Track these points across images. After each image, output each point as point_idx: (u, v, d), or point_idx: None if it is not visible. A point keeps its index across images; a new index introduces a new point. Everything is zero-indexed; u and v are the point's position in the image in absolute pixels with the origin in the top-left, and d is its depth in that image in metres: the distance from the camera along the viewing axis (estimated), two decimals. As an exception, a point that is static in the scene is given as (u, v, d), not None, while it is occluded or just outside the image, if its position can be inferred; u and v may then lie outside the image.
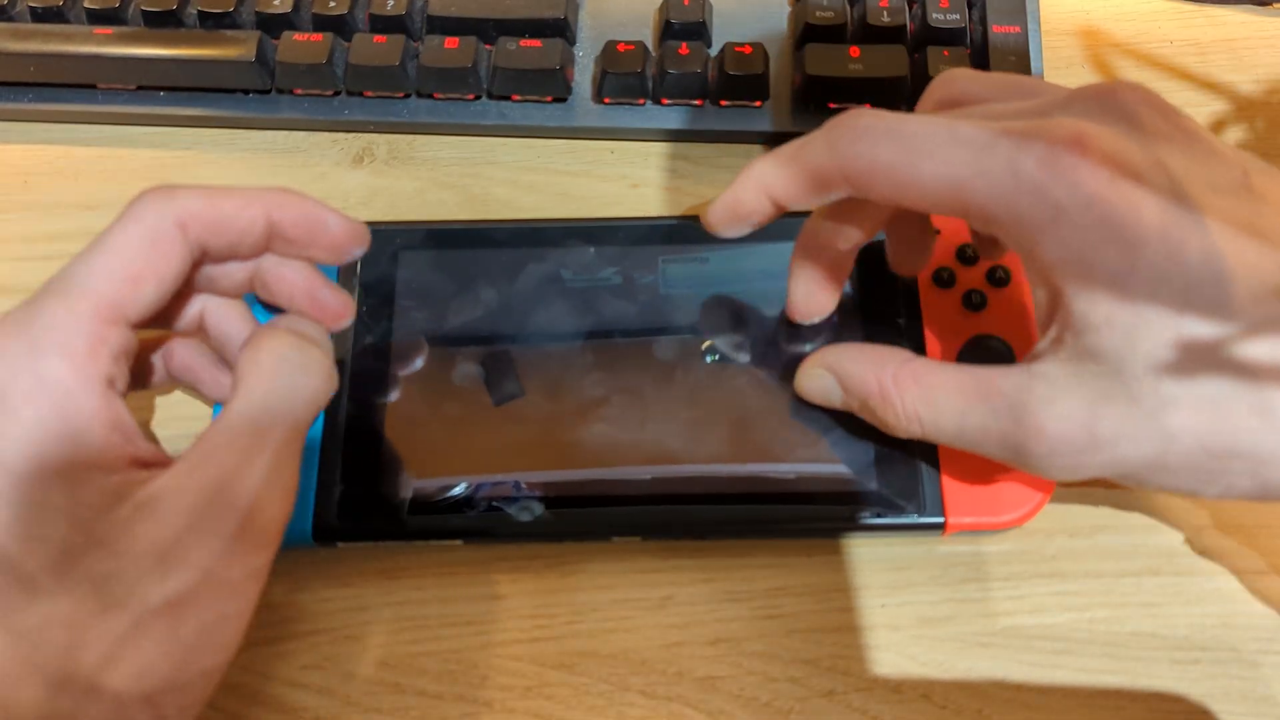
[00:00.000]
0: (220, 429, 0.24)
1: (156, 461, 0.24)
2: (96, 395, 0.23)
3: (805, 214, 0.34)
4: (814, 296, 0.30)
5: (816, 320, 0.31)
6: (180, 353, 0.29)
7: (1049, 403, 0.24)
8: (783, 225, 0.33)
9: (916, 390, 0.26)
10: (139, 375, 0.29)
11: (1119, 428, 0.23)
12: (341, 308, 0.28)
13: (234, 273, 0.27)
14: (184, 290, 0.27)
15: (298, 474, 0.25)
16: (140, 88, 0.37)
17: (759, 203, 0.27)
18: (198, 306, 0.28)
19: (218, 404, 0.30)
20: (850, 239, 0.28)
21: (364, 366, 0.31)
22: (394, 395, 0.31)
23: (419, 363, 0.31)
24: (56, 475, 0.23)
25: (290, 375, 0.25)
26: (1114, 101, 0.24)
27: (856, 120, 0.25)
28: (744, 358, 0.31)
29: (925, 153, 0.24)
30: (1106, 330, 0.23)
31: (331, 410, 0.31)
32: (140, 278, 0.24)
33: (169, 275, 0.25)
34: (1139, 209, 0.22)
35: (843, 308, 0.32)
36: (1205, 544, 0.31)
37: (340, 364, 0.31)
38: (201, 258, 0.26)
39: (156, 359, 0.29)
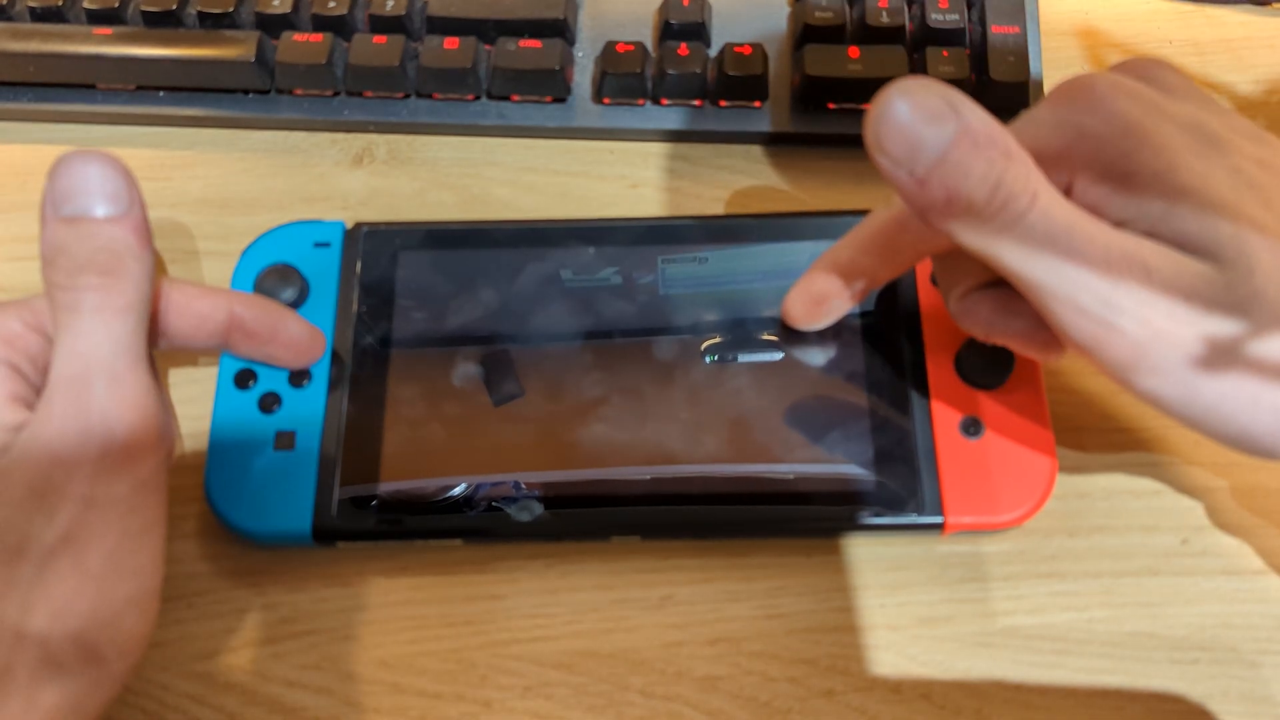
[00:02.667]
0: (57, 361, 0.24)
1: None
2: (0, 370, 0.25)
3: (809, 214, 0.34)
4: (822, 308, 0.30)
5: (805, 328, 0.31)
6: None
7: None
8: (782, 225, 0.33)
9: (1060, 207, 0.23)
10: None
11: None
12: (312, 340, 0.30)
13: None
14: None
15: (146, 370, 0.25)
16: (140, 88, 0.37)
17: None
18: None
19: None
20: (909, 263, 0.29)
21: (364, 366, 0.31)
22: (394, 395, 0.31)
23: (419, 363, 0.31)
24: None
25: (100, 296, 0.25)
26: (1132, 66, 0.25)
27: None
28: (743, 358, 0.31)
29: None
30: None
31: (331, 410, 0.31)
32: None
33: None
34: (1168, 132, 0.23)
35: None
36: (1205, 544, 0.31)
37: (341, 364, 0.31)
38: (155, 338, 0.28)
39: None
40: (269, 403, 0.30)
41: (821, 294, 0.30)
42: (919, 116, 0.21)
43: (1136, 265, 0.22)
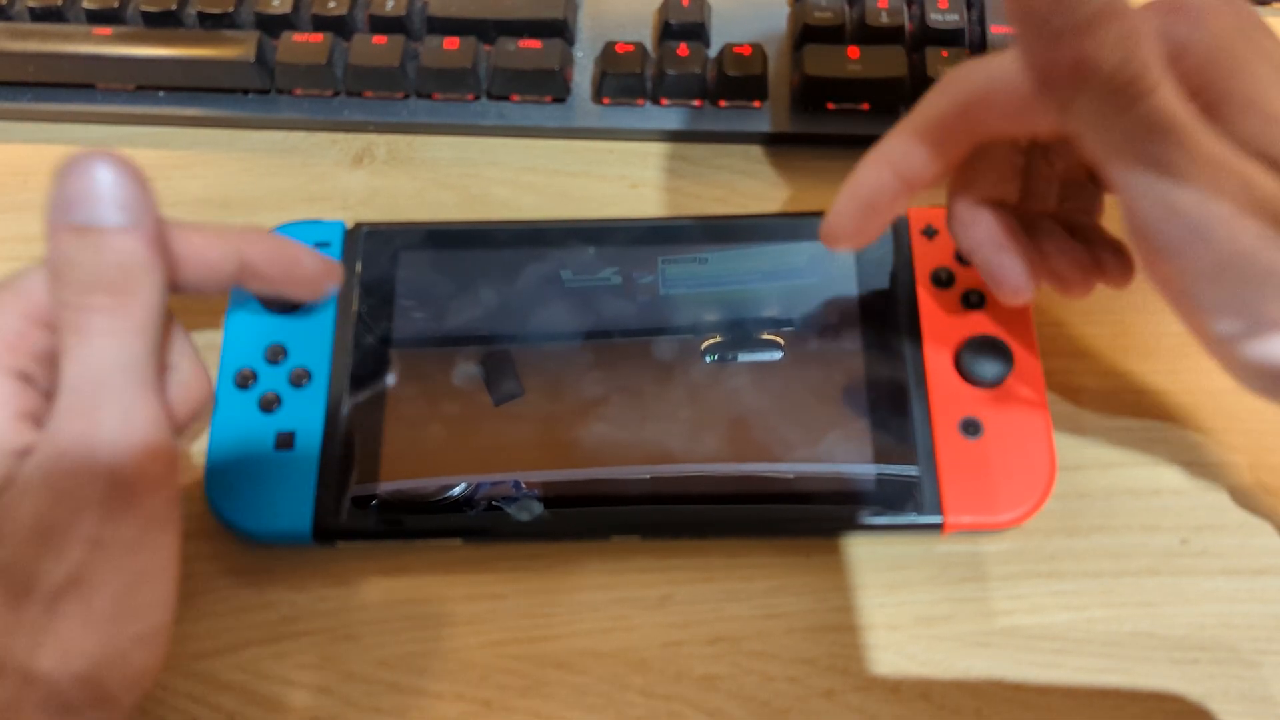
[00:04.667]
0: (64, 390, 0.23)
1: None
2: (7, 385, 0.23)
3: (809, 214, 0.34)
4: (873, 216, 0.28)
5: (844, 249, 0.29)
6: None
7: None
8: (782, 225, 0.33)
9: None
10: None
11: None
12: (327, 272, 0.29)
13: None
14: None
15: (154, 402, 0.24)
16: (140, 88, 0.37)
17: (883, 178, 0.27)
18: None
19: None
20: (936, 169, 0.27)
21: (364, 366, 0.31)
22: (394, 395, 0.31)
23: (419, 362, 0.31)
24: None
25: (110, 319, 0.23)
26: None
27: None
28: (743, 357, 0.31)
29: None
30: None
31: (331, 410, 0.31)
32: None
33: None
34: None
35: (840, 307, 0.32)
36: (1205, 544, 0.31)
37: (341, 364, 0.31)
38: (169, 289, 0.26)
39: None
40: (269, 403, 0.30)
41: (873, 196, 0.27)
42: None
43: (1238, 179, 0.21)
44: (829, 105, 0.36)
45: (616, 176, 0.37)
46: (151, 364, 0.24)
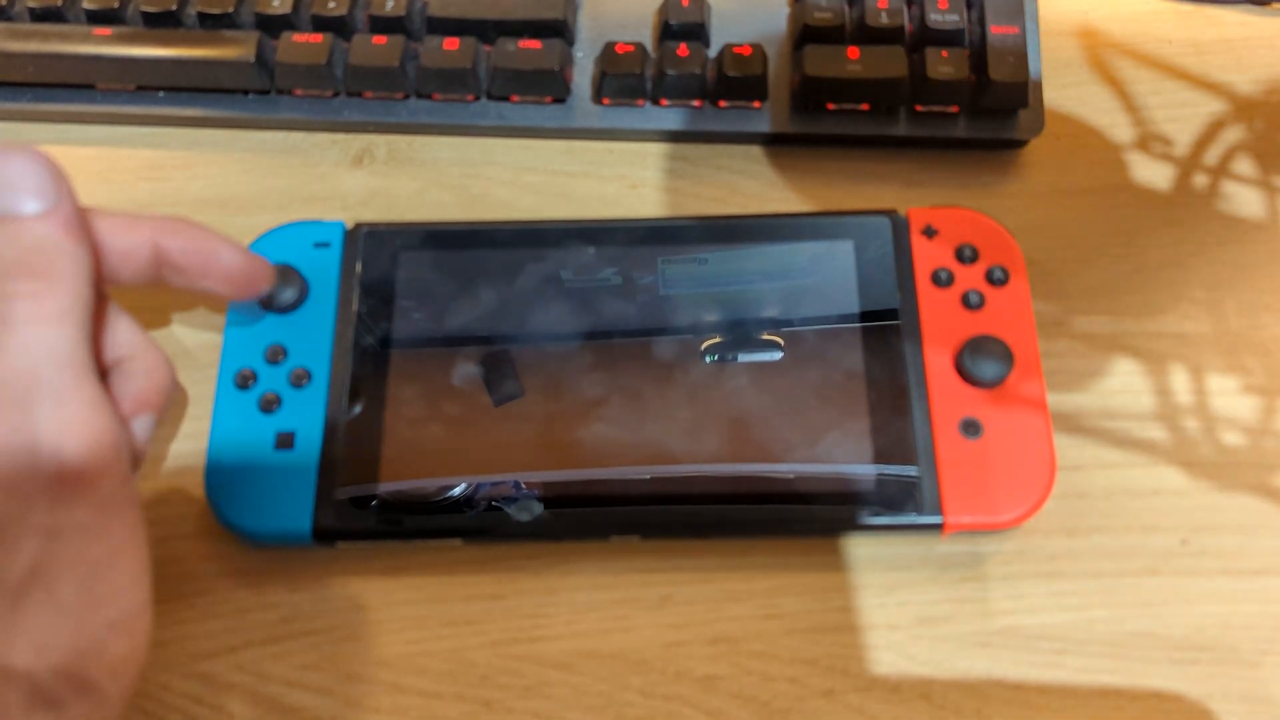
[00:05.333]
0: None
1: None
2: None
3: (809, 214, 0.34)
4: None
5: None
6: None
7: None
8: (782, 225, 0.33)
9: None
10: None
11: None
12: (251, 270, 0.28)
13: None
14: None
15: (90, 384, 0.23)
16: (139, 88, 0.37)
17: None
18: None
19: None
20: None
21: (364, 366, 0.31)
22: (394, 395, 0.31)
23: (419, 363, 0.31)
24: None
25: (34, 305, 0.23)
26: None
27: None
28: (743, 358, 0.31)
29: None
30: None
31: (331, 410, 0.31)
32: None
33: None
34: None
35: (840, 307, 0.32)
36: (1204, 544, 0.31)
37: (341, 364, 0.31)
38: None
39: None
40: (269, 403, 0.31)
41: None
42: None
43: None
44: (829, 105, 0.36)
45: (616, 177, 0.37)
46: (84, 346, 0.23)
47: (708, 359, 0.31)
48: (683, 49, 0.36)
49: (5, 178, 0.23)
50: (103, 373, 0.26)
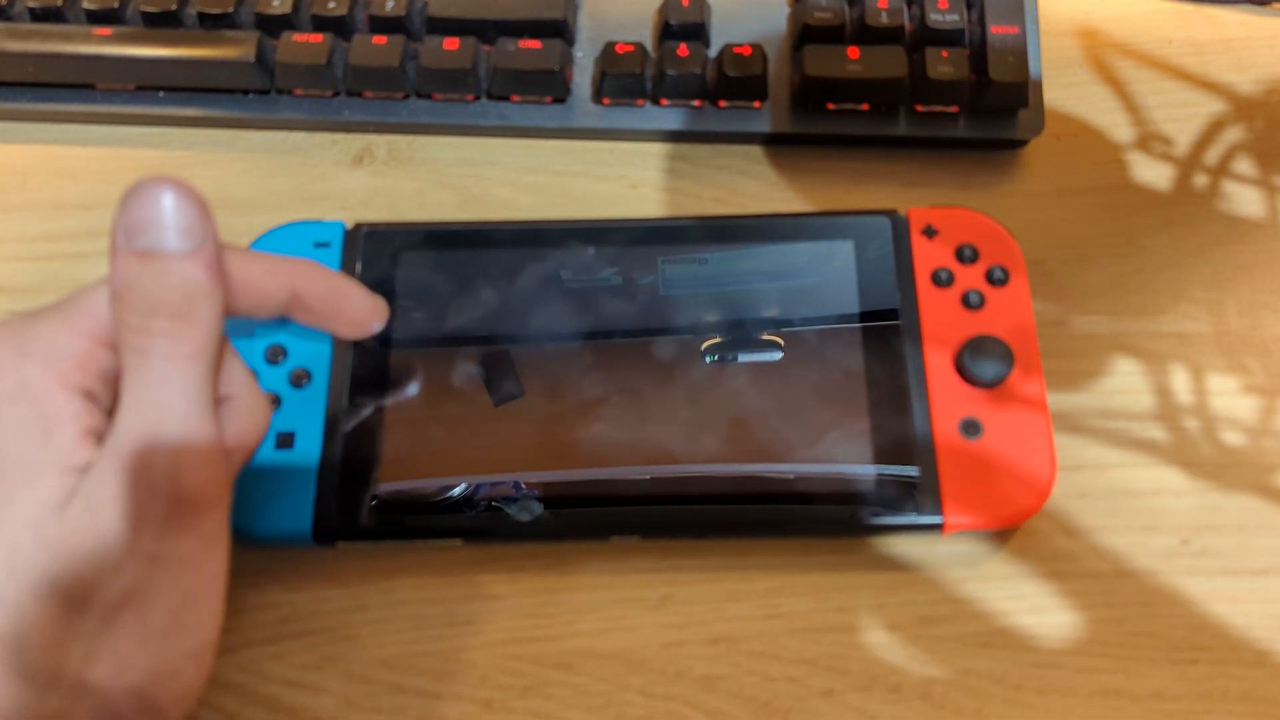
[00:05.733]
0: (124, 410, 0.23)
1: None
2: (75, 403, 0.24)
3: (809, 214, 0.34)
4: None
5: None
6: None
7: None
8: (782, 225, 0.33)
9: None
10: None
11: None
12: (374, 311, 0.29)
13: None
14: None
15: (210, 423, 0.24)
16: (139, 88, 0.37)
17: None
18: None
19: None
20: None
21: (364, 366, 0.31)
22: (394, 395, 0.31)
23: (419, 363, 0.31)
24: (18, 470, 0.23)
25: (171, 343, 0.24)
26: None
27: None
28: (743, 358, 0.31)
29: None
30: None
31: (331, 410, 0.31)
32: None
33: None
34: None
35: (840, 307, 0.32)
36: (1204, 544, 0.31)
37: (341, 364, 0.31)
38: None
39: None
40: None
41: None
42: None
43: None
44: (829, 105, 0.36)
45: (616, 177, 0.37)
46: (209, 387, 0.24)
47: (708, 359, 0.31)
48: (683, 49, 0.36)
49: (158, 213, 0.23)
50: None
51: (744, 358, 0.31)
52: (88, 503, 0.23)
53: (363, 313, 0.29)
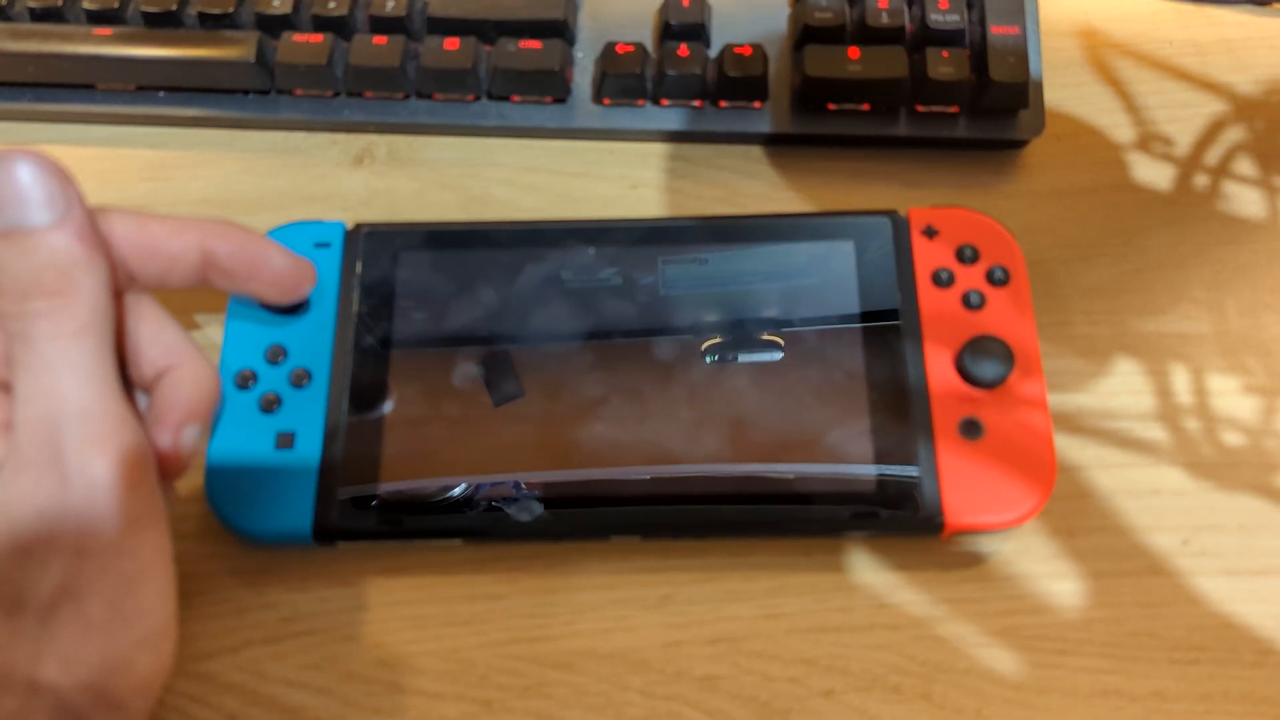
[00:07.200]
0: (19, 402, 0.22)
1: None
2: None
3: (809, 214, 0.34)
4: None
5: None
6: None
7: None
8: (782, 225, 0.33)
9: None
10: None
11: None
12: (298, 272, 0.28)
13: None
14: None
15: (114, 399, 0.23)
16: (140, 88, 0.37)
17: None
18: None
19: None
20: None
21: (364, 367, 0.31)
22: (394, 395, 0.31)
23: (419, 363, 0.31)
24: None
25: (53, 323, 0.22)
26: None
27: None
28: (743, 358, 0.31)
29: None
30: None
31: (331, 410, 0.31)
32: None
33: None
34: None
35: (840, 307, 0.32)
36: (1204, 544, 0.31)
37: (341, 364, 0.31)
38: (128, 283, 0.25)
39: None
40: (269, 403, 0.30)
41: None
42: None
43: None
44: (829, 106, 0.36)
45: (616, 177, 0.37)
46: (106, 359, 0.23)
47: (708, 359, 0.31)
48: (683, 49, 0.36)
49: (12, 188, 0.22)
50: (150, 381, 0.26)
51: (744, 358, 0.31)
52: (1, 504, 0.22)
53: (283, 273, 0.27)
